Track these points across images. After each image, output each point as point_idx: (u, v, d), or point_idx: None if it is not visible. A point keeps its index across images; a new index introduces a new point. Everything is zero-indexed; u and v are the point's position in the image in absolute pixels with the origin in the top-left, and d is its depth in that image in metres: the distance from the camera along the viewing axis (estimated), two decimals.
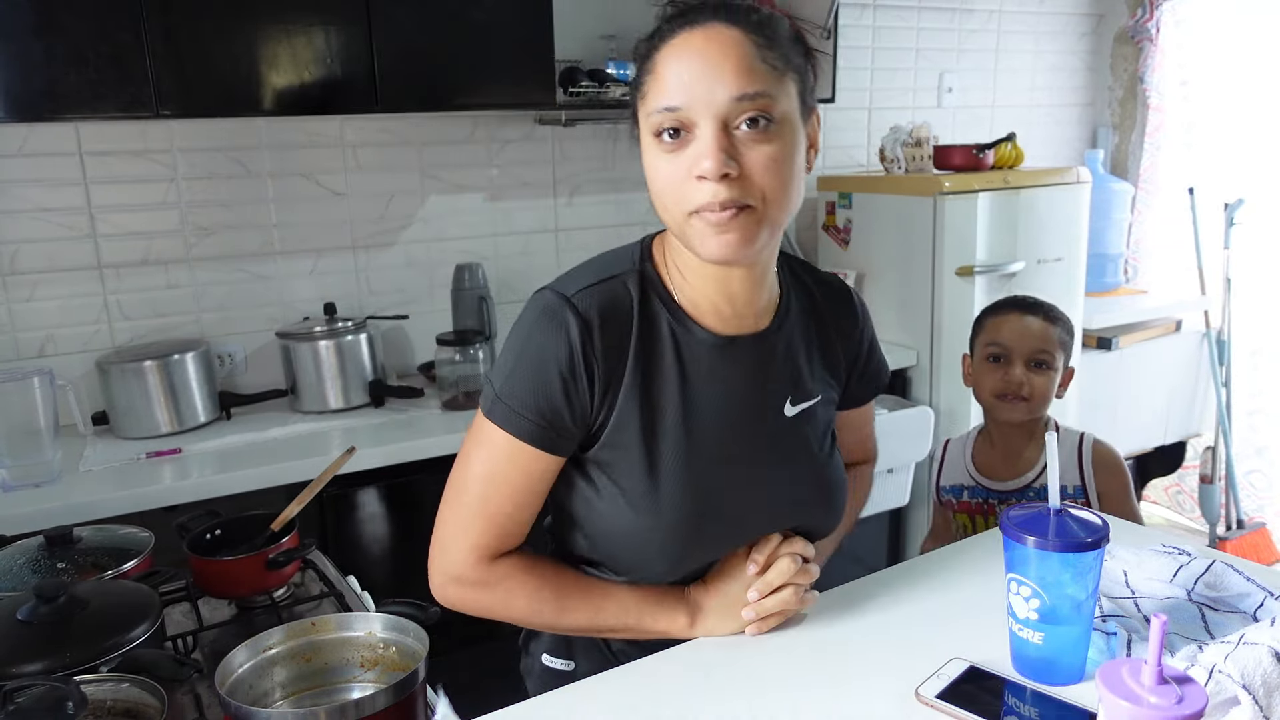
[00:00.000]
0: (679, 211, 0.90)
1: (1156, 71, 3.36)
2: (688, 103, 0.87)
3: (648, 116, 0.91)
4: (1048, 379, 1.61)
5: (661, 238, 1.03)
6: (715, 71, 0.86)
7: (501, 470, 0.99)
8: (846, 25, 2.73)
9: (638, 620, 1.03)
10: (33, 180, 2.00)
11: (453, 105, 2.15)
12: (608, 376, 0.96)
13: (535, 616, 1.05)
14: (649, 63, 0.92)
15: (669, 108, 0.88)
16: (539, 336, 0.96)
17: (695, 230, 0.90)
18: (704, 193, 0.87)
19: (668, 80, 0.88)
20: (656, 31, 0.92)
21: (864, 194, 2.70)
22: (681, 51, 0.88)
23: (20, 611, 0.96)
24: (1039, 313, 1.64)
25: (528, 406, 0.95)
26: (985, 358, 1.65)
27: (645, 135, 0.92)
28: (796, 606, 1.04)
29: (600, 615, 1.03)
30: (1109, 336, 3.00)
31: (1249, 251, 3.23)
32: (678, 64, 0.88)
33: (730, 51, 0.87)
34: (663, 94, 0.89)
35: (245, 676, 0.92)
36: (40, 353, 2.06)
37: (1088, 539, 0.87)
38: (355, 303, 2.35)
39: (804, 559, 1.05)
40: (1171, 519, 3.62)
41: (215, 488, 1.75)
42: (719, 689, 0.94)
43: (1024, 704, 0.89)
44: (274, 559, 1.21)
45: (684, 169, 0.88)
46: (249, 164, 2.20)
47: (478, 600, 1.04)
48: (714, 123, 0.87)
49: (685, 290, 0.99)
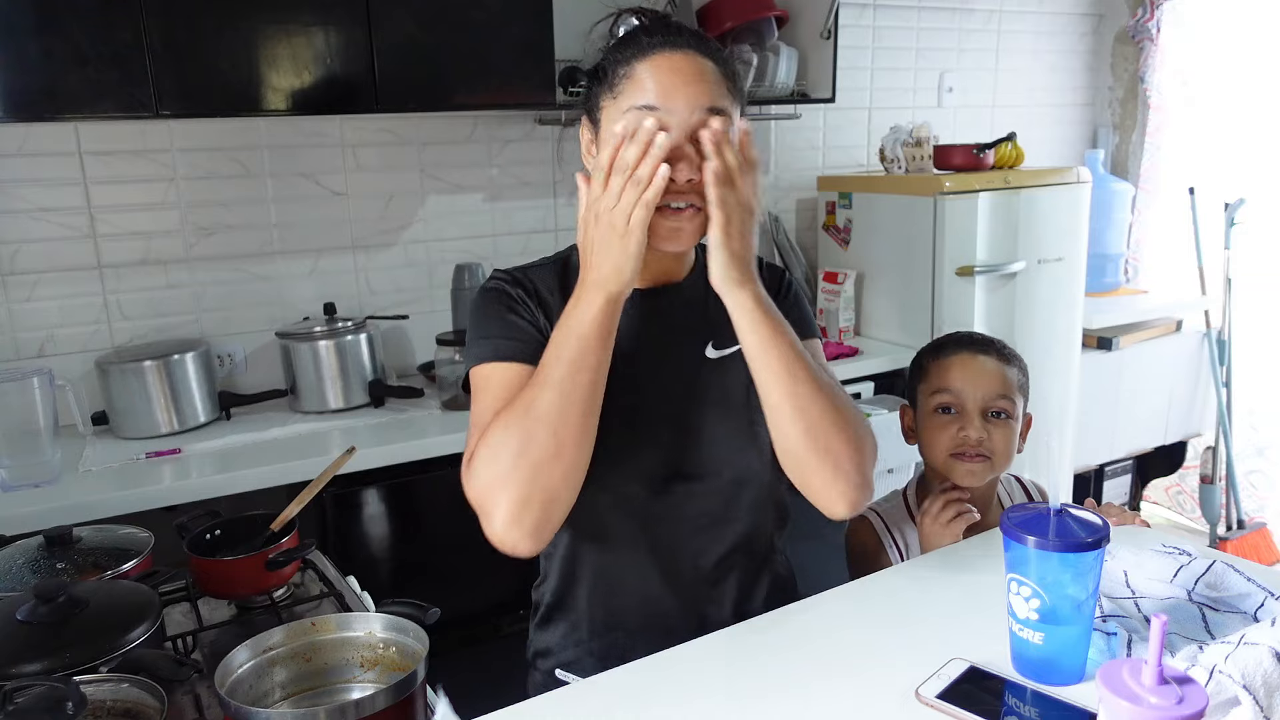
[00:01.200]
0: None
1: (1157, 71, 3.36)
2: (666, 108, 1.00)
3: (622, 113, 1.02)
4: (1008, 432, 1.34)
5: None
6: (694, 89, 1.01)
7: (494, 391, 1.06)
8: (846, 25, 2.72)
9: (567, 339, 0.99)
10: (32, 180, 2.00)
11: (453, 105, 2.15)
12: (544, 317, 1.11)
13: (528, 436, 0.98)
14: (628, 68, 1.03)
15: (648, 105, 1.00)
16: (481, 299, 1.13)
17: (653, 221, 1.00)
18: (674, 191, 1.00)
19: (648, 85, 1.01)
20: (636, 44, 1.04)
21: (864, 194, 2.70)
22: (663, 65, 1.02)
23: (20, 611, 0.96)
24: (991, 352, 1.37)
25: (498, 336, 1.08)
26: (934, 409, 1.36)
27: (607, 128, 1.04)
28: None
29: (550, 374, 0.99)
30: (1109, 336, 3.00)
31: (1249, 251, 3.23)
32: (659, 74, 1.01)
33: (706, 75, 1.03)
34: (642, 95, 1.01)
35: (245, 676, 0.92)
36: (40, 353, 2.06)
37: (1088, 539, 0.87)
38: (355, 303, 2.35)
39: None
40: (1172, 519, 3.62)
41: (215, 488, 1.75)
42: (719, 689, 0.94)
43: (1024, 704, 0.89)
44: (274, 559, 1.21)
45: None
46: (249, 164, 2.20)
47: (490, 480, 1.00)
48: (684, 131, 1.00)
49: None
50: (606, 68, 1.06)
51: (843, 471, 1.05)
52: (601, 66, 1.07)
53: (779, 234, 2.90)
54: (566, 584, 1.19)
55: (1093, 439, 3.05)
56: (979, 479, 1.33)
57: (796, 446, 1.06)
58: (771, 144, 2.91)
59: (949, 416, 1.34)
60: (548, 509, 1.01)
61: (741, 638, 1.04)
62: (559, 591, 1.21)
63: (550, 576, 1.22)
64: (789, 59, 2.56)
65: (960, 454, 1.32)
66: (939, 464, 1.35)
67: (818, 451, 1.05)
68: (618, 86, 1.04)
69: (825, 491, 1.07)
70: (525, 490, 0.98)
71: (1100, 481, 3.22)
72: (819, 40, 2.59)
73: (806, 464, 1.06)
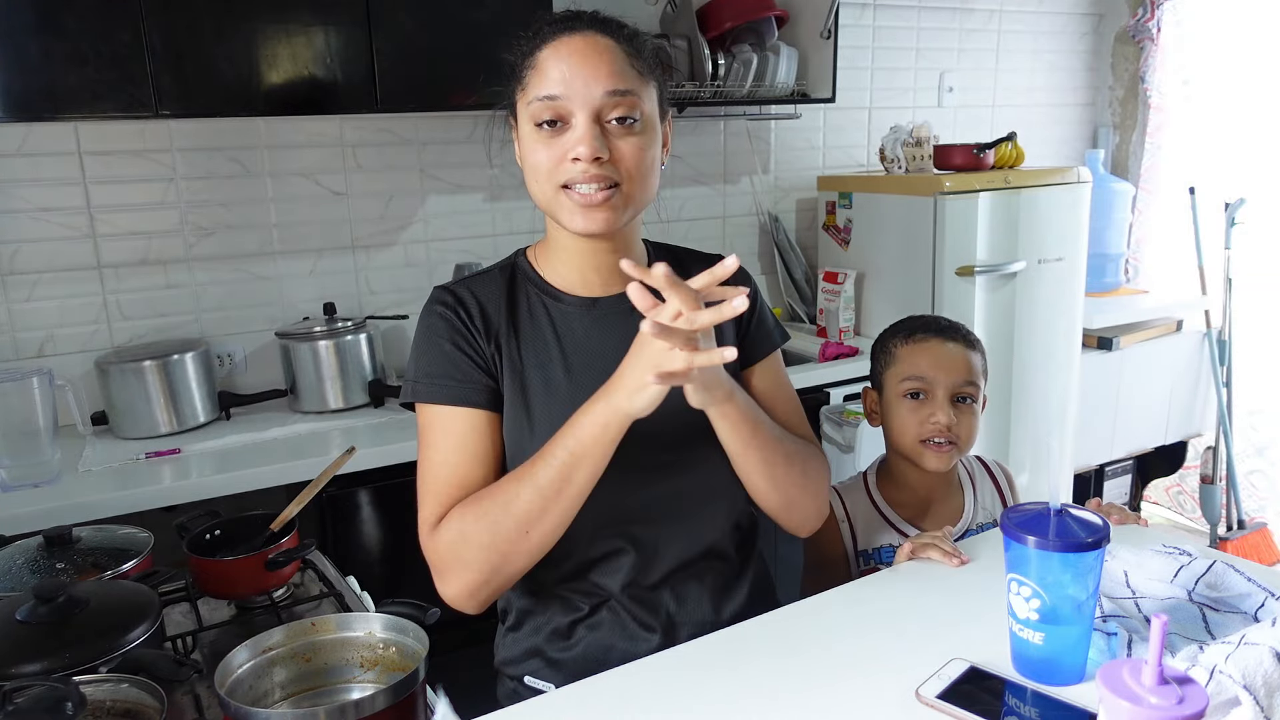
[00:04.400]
0: (550, 186, 1.04)
1: (1157, 71, 3.36)
2: (567, 94, 1.01)
3: (527, 105, 1.03)
4: (973, 416, 1.37)
5: (539, 243, 1.18)
6: (592, 70, 1.01)
7: (437, 440, 1.08)
8: (846, 25, 2.72)
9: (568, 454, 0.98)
10: (32, 180, 2.00)
11: (453, 105, 2.15)
12: (492, 340, 1.10)
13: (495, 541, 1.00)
14: (531, 59, 1.04)
15: (549, 96, 1.01)
16: (423, 324, 1.12)
17: (564, 205, 1.04)
18: (575, 171, 1.02)
19: (549, 74, 1.02)
20: (538, 32, 1.05)
21: (864, 194, 2.70)
22: (562, 50, 1.02)
23: (19, 612, 0.96)
24: (959, 338, 1.39)
25: (433, 374, 1.08)
26: (903, 394, 1.37)
27: (524, 124, 1.05)
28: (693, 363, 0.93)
29: (538, 480, 0.99)
30: (1109, 336, 3.00)
31: (1250, 251, 3.23)
32: (558, 61, 1.02)
33: (605, 55, 1.02)
34: (543, 85, 1.02)
35: (245, 677, 0.92)
36: (40, 353, 2.06)
37: (1088, 539, 0.86)
38: (355, 303, 2.35)
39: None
40: (1172, 519, 3.62)
41: (215, 488, 1.75)
42: (718, 689, 0.94)
43: (1024, 704, 0.89)
44: (274, 559, 1.21)
45: (559, 153, 1.02)
46: (249, 164, 2.20)
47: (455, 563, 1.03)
48: (588, 113, 1.01)
49: (557, 269, 1.14)
50: (514, 62, 1.07)
51: (806, 513, 1.18)
52: (509, 62, 1.08)
53: (779, 234, 2.90)
54: (535, 588, 1.17)
55: (1093, 439, 3.05)
56: (946, 464, 1.35)
57: (768, 502, 1.15)
58: (771, 144, 2.91)
59: (918, 401, 1.36)
60: (504, 585, 1.06)
61: (741, 638, 1.04)
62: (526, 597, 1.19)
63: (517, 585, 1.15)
64: (789, 59, 2.56)
65: (928, 440, 1.35)
66: (906, 448, 1.37)
67: (787, 505, 1.15)
68: (525, 77, 1.05)
69: (789, 524, 1.19)
70: (486, 575, 1.03)
71: (1100, 481, 3.21)
72: (819, 40, 2.59)
73: (776, 511, 1.16)
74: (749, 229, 2.92)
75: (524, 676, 1.17)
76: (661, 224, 2.60)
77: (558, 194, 1.04)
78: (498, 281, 1.15)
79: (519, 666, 1.19)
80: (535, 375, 1.11)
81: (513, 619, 1.21)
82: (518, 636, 1.20)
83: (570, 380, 1.10)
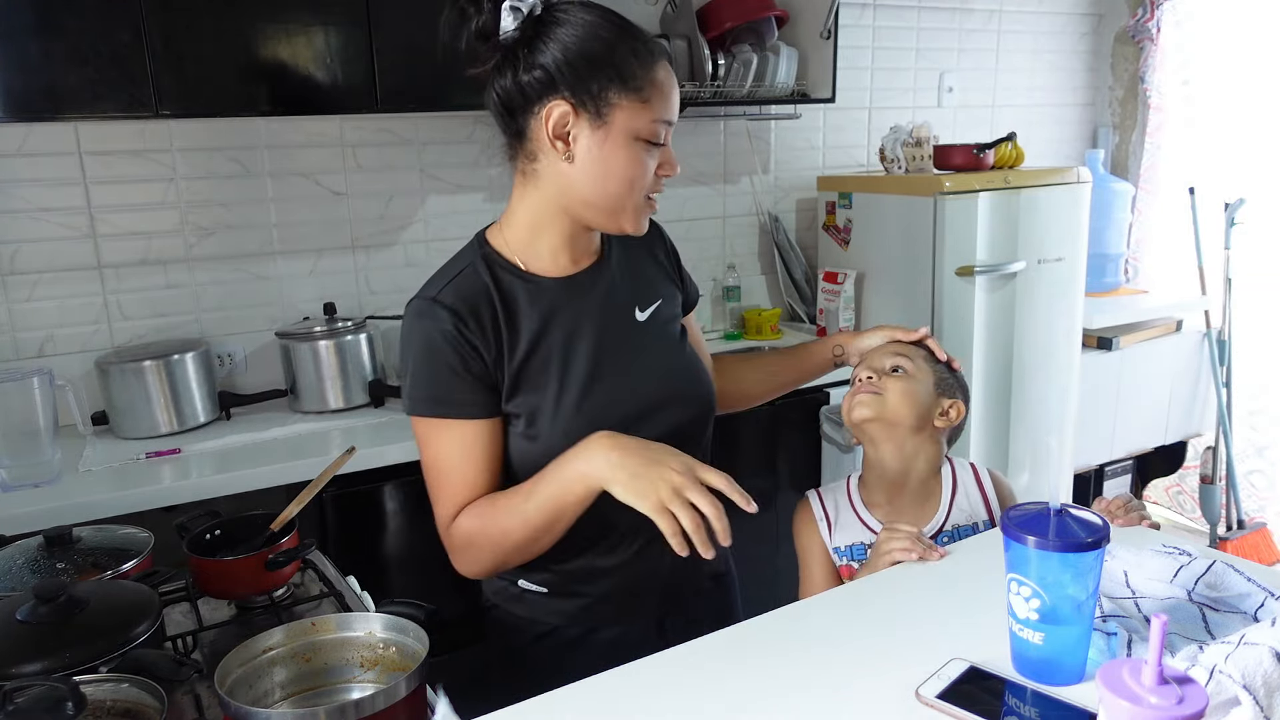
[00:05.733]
0: (637, 194, 1.12)
1: (1157, 71, 3.36)
2: (673, 119, 1.12)
3: (649, 121, 1.09)
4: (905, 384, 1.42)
5: (494, 228, 1.21)
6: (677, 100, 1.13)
7: (443, 451, 1.14)
8: (846, 25, 2.72)
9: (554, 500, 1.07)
10: (32, 180, 2.01)
11: (453, 105, 2.15)
12: (494, 347, 1.13)
13: (500, 553, 1.13)
14: (651, 72, 1.08)
15: (668, 120, 1.11)
16: (420, 335, 1.13)
17: (639, 210, 1.14)
18: (658, 185, 1.15)
19: (669, 98, 1.11)
20: (652, 50, 1.10)
21: (864, 194, 2.70)
22: (671, 77, 1.12)
23: (19, 612, 0.96)
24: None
25: (433, 390, 1.12)
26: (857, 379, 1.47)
27: (622, 130, 1.08)
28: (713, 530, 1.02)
29: (526, 518, 1.09)
30: (1109, 336, 3.00)
31: (1250, 251, 3.23)
32: (671, 87, 1.11)
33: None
34: (665, 109, 1.10)
35: (245, 676, 0.92)
36: (40, 353, 2.06)
37: (1088, 539, 0.86)
38: (355, 303, 2.35)
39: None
40: (1172, 519, 3.62)
41: (215, 488, 1.75)
42: (718, 689, 0.94)
43: (1024, 704, 0.89)
44: (274, 559, 1.21)
45: (652, 164, 1.12)
46: (249, 164, 2.20)
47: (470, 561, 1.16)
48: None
49: (529, 254, 1.18)
50: (622, 60, 1.06)
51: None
52: (605, 51, 1.06)
53: (779, 234, 2.90)
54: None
55: (1093, 439, 3.05)
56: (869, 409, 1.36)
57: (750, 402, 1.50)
58: (771, 144, 2.91)
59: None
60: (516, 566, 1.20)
61: (741, 638, 1.04)
62: None
63: None
64: (789, 59, 2.56)
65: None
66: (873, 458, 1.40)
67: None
68: (645, 90, 1.08)
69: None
70: (496, 566, 1.17)
71: (1100, 481, 3.21)
72: (819, 40, 2.59)
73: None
74: (749, 229, 2.92)
75: (518, 580, 1.25)
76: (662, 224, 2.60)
77: (641, 203, 1.14)
78: (481, 279, 1.15)
79: (512, 570, 1.24)
80: (536, 361, 1.15)
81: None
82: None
83: (582, 354, 1.17)
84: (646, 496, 1.00)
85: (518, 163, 1.16)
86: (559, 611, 1.24)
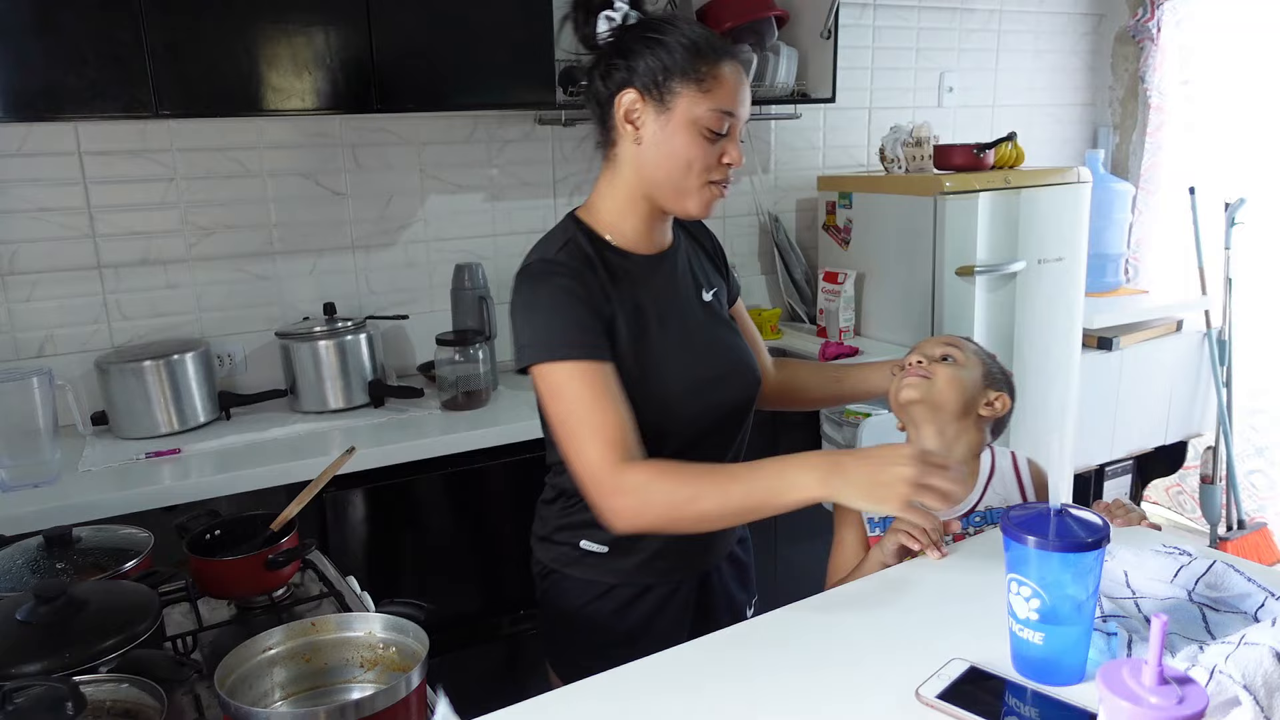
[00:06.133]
0: (695, 178, 1.23)
1: (1157, 71, 3.36)
2: (738, 114, 1.22)
3: (709, 110, 1.20)
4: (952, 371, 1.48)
5: (583, 209, 1.33)
6: (748, 98, 1.24)
7: (587, 393, 1.18)
8: (846, 25, 2.72)
9: (767, 497, 1.12)
10: (32, 180, 2.00)
11: (453, 105, 2.15)
12: (606, 301, 1.24)
13: (673, 511, 1.15)
14: (715, 68, 1.20)
15: (729, 111, 1.21)
16: (546, 289, 1.22)
17: (702, 195, 1.24)
18: (722, 173, 1.24)
19: (733, 91, 1.21)
20: (718, 47, 1.21)
21: (864, 194, 2.70)
22: (738, 76, 1.23)
23: (19, 612, 0.96)
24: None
25: (569, 335, 1.19)
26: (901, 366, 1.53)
27: (683, 117, 1.20)
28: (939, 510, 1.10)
29: (728, 497, 1.13)
30: (1109, 336, 3.00)
31: (1250, 251, 3.23)
32: (738, 83, 1.22)
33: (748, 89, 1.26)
34: (725, 99, 1.20)
35: (245, 676, 0.92)
36: (40, 353, 2.06)
37: (1088, 539, 0.87)
38: (355, 303, 2.35)
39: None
40: (1172, 519, 3.62)
41: (215, 488, 1.75)
42: (718, 689, 0.94)
43: (1024, 704, 0.89)
44: (273, 559, 1.21)
45: (715, 155, 1.22)
46: (249, 164, 2.20)
47: (630, 508, 1.16)
48: (740, 131, 1.25)
49: (619, 232, 1.30)
50: (686, 55, 1.19)
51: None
52: (672, 47, 1.20)
53: (779, 234, 2.90)
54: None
55: (1093, 439, 3.05)
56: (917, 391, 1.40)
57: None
58: (771, 144, 2.91)
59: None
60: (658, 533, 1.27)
61: (741, 637, 1.04)
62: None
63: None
64: (789, 59, 2.56)
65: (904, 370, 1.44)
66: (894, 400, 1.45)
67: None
68: (706, 82, 1.20)
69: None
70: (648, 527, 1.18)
71: (1100, 481, 3.21)
72: (819, 40, 2.59)
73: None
74: (749, 229, 2.92)
75: (580, 541, 1.34)
76: None
77: (702, 186, 1.24)
78: (584, 249, 1.27)
79: (575, 533, 1.34)
80: (627, 326, 1.26)
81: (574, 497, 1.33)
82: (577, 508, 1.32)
83: (661, 326, 1.29)
84: (888, 500, 1.05)
85: (605, 150, 1.29)
86: (617, 570, 1.34)
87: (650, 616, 1.35)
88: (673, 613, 1.37)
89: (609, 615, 1.35)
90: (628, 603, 1.35)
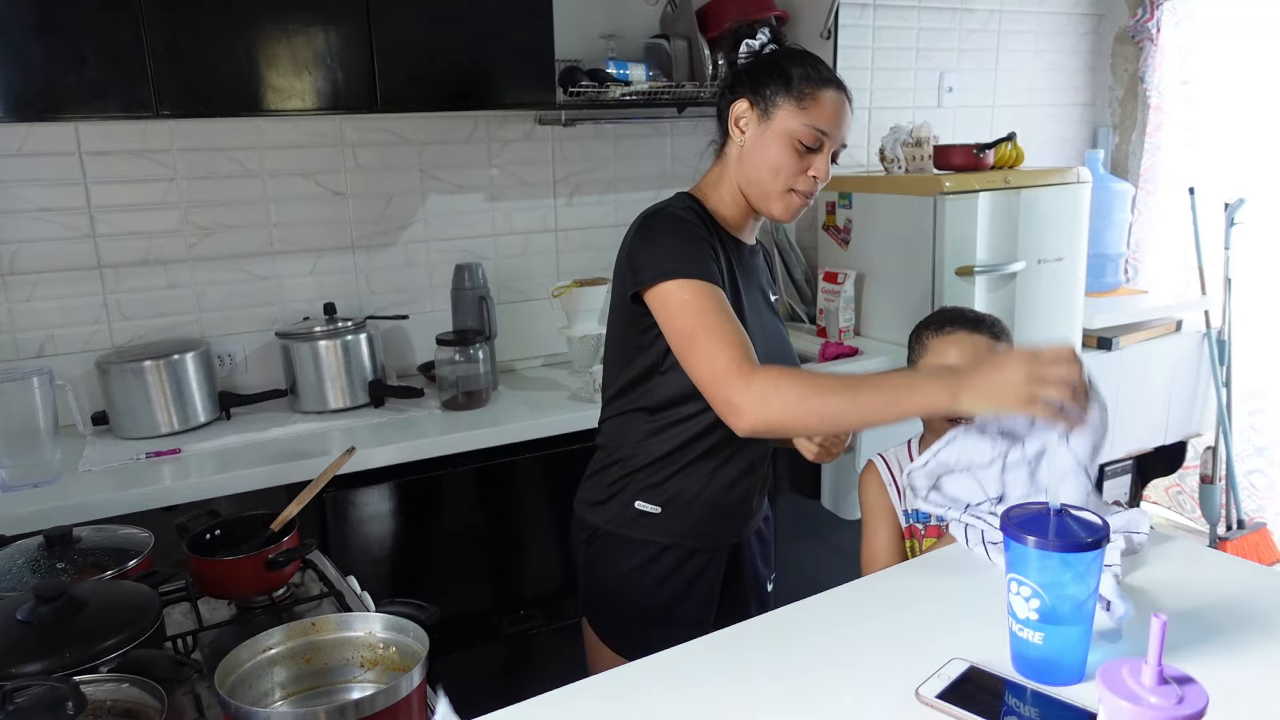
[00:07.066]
0: (781, 183, 1.38)
1: (1157, 71, 3.36)
2: (831, 135, 1.38)
3: (804, 125, 1.36)
4: None
5: (697, 190, 1.48)
6: (845, 126, 1.40)
7: (713, 307, 1.28)
8: (846, 25, 2.72)
9: (895, 400, 1.16)
10: (32, 180, 2.00)
11: (452, 105, 2.15)
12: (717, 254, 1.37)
13: (801, 403, 1.19)
14: (817, 90, 1.36)
15: (822, 130, 1.36)
16: (670, 219, 1.36)
17: (785, 201, 1.40)
18: (808, 184, 1.40)
19: (829, 113, 1.37)
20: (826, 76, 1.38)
21: (864, 194, 2.70)
22: (838, 101, 1.38)
23: (20, 612, 0.96)
24: (984, 329, 1.54)
25: (697, 256, 1.32)
26: None
27: (780, 128, 1.37)
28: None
29: (858, 400, 1.17)
30: (1109, 336, 3.00)
31: (1249, 251, 3.22)
32: (837, 108, 1.38)
33: (849, 118, 1.41)
34: (821, 119, 1.36)
35: (245, 676, 0.92)
36: (40, 353, 2.06)
37: (1088, 539, 0.87)
38: (355, 303, 2.35)
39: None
40: (1172, 519, 3.62)
41: (215, 488, 1.75)
42: (719, 688, 0.94)
43: (1024, 704, 0.89)
44: (274, 559, 1.21)
45: (803, 166, 1.38)
46: (249, 164, 2.20)
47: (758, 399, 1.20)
48: (831, 151, 1.40)
49: (726, 215, 1.46)
50: (794, 77, 1.36)
51: None
52: (786, 70, 1.37)
53: (779, 234, 2.90)
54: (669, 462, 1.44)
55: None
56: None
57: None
58: None
59: None
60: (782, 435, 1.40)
61: (741, 638, 1.04)
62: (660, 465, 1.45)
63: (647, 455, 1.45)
64: None
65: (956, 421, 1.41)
66: (938, 428, 1.51)
67: None
68: (805, 101, 1.36)
69: None
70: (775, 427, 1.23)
71: (1100, 481, 3.21)
72: (819, 40, 2.59)
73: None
74: None
75: (634, 502, 1.46)
76: None
77: (786, 192, 1.39)
78: (702, 217, 1.41)
79: (629, 494, 1.46)
80: (730, 288, 1.37)
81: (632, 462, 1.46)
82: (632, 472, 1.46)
83: (745, 299, 1.43)
84: (1013, 401, 1.06)
85: (719, 149, 1.47)
86: (667, 531, 1.45)
87: (690, 581, 1.48)
88: (709, 578, 1.50)
89: (652, 578, 1.46)
90: (673, 566, 1.46)
